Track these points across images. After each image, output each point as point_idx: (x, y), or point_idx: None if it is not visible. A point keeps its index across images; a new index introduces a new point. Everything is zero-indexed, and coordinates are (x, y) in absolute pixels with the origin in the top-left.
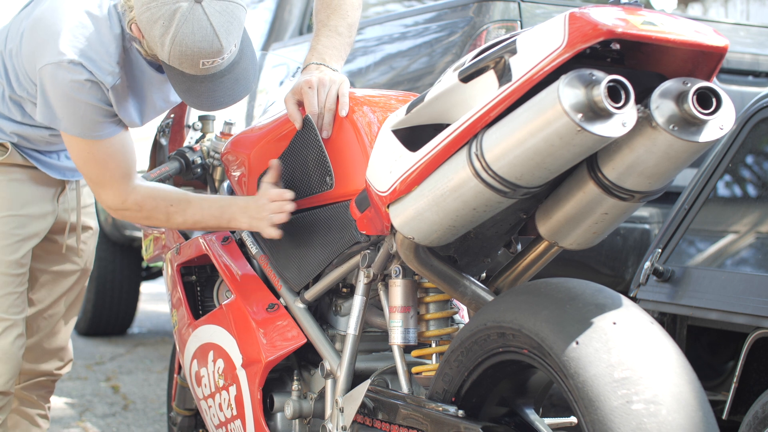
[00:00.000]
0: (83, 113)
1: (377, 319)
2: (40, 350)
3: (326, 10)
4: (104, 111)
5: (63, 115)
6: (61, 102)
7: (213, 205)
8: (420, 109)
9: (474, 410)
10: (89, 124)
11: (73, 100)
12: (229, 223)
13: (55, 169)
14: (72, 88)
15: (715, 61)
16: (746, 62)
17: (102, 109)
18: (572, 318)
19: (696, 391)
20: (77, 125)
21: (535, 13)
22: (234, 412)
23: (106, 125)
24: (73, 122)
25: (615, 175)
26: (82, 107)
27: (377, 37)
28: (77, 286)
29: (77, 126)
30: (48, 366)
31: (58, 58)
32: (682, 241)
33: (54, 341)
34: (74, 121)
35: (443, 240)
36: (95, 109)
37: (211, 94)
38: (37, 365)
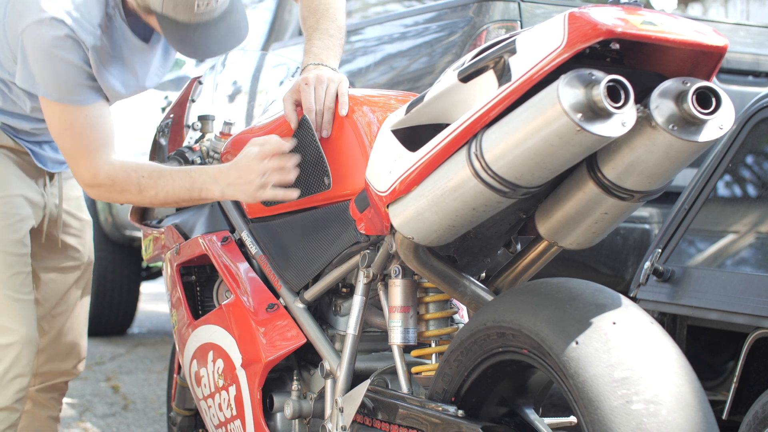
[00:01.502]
0: (63, 73)
1: (377, 319)
2: (54, 349)
3: (314, 15)
4: (84, 73)
5: (42, 78)
6: (41, 62)
7: (184, 175)
8: (420, 109)
9: (474, 410)
10: (68, 86)
11: (54, 59)
12: (200, 194)
13: (40, 159)
14: (53, 44)
15: (714, 60)
16: (746, 62)
17: (82, 71)
18: (572, 318)
19: (696, 391)
20: (56, 88)
21: (535, 13)
22: (234, 412)
23: (86, 90)
24: (53, 85)
25: (615, 174)
26: (62, 66)
27: (377, 37)
28: (82, 280)
29: (56, 89)
30: (64, 365)
31: (39, 15)
32: (682, 241)
33: (67, 339)
34: (53, 84)
35: (443, 240)
36: (75, 69)
37: (205, 41)
38: (53, 365)
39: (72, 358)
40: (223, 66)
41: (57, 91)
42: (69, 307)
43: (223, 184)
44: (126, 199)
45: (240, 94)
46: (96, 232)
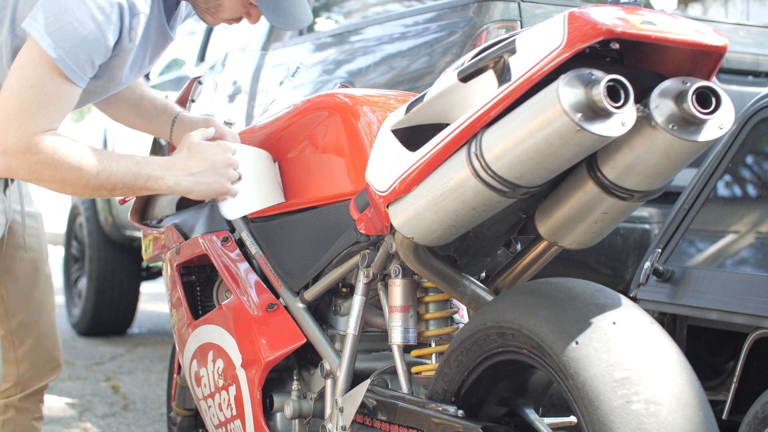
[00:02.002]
0: (85, 37)
1: (377, 319)
2: (35, 356)
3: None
4: (104, 48)
5: (55, 25)
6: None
7: (129, 160)
8: (419, 109)
9: (474, 410)
10: (79, 51)
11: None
12: (146, 183)
13: None
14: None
15: (714, 60)
16: (746, 62)
17: (104, 44)
18: (572, 318)
19: (696, 391)
20: (65, 45)
21: (535, 13)
22: (234, 412)
23: (89, 69)
24: (63, 38)
25: (614, 174)
26: (90, 27)
27: (377, 37)
28: (46, 279)
29: (64, 46)
30: (46, 369)
31: None
32: (682, 241)
33: (46, 342)
34: (65, 38)
35: (443, 240)
36: (100, 39)
37: (293, 10)
38: (35, 371)
39: (52, 360)
40: (223, 66)
41: (63, 49)
42: (40, 310)
43: (179, 174)
44: (59, 175)
45: (240, 94)
46: (96, 232)
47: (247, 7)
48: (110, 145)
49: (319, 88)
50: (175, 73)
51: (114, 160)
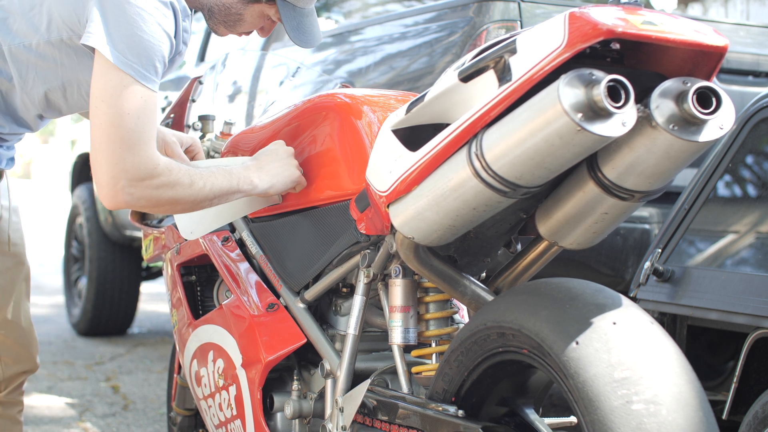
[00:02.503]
0: (153, 46)
1: (377, 319)
2: (18, 349)
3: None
4: (169, 49)
5: (133, 49)
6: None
7: (219, 170)
8: (420, 109)
9: (474, 410)
10: (153, 62)
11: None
12: (239, 187)
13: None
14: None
15: (715, 60)
16: (746, 62)
17: (169, 46)
18: (572, 318)
19: (696, 391)
20: (142, 62)
21: (535, 13)
22: (234, 412)
23: (158, 73)
24: (142, 57)
25: (615, 174)
26: (157, 36)
27: (377, 37)
28: (26, 274)
29: (142, 63)
30: (29, 361)
31: None
32: (682, 241)
33: (27, 336)
34: (142, 56)
35: (443, 240)
36: (165, 43)
37: (311, 29)
38: (19, 366)
39: (33, 352)
40: (224, 66)
41: (142, 65)
42: (21, 305)
43: (259, 174)
44: (175, 195)
45: (240, 94)
46: (96, 232)
47: (264, 21)
48: None
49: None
50: (175, 73)
51: (214, 173)
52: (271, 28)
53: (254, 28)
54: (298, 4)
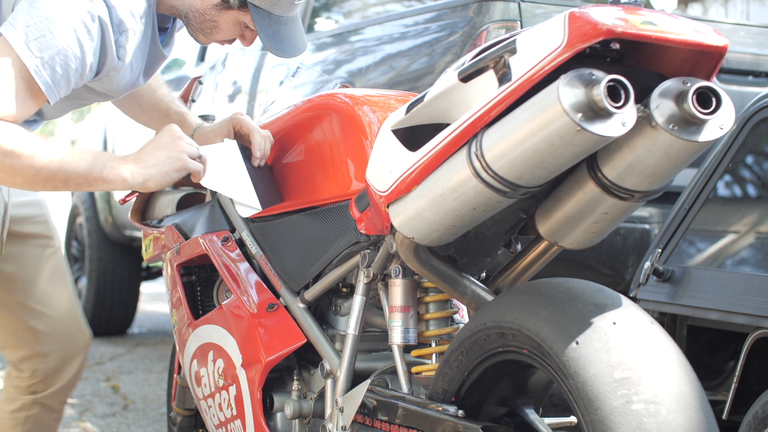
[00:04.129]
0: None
1: (377, 319)
2: (61, 349)
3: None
4: (84, 66)
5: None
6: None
7: (87, 153)
8: (420, 109)
9: (474, 410)
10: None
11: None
12: (102, 173)
13: None
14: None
15: (715, 60)
16: (746, 62)
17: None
18: (572, 318)
19: (696, 391)
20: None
21: (535, 13)
22: (234, 412)
23: (65, 87)
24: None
25: (615, 174)
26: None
27: (377, 37)
28: (60, 261)
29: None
30: (72, 364)
31: None
32: (682, 241)
33: (70, 332)
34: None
35: (443, 240)
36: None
37: (291, 38)
38: (62, 367)
39: (76, 350)
40: (224, 66)
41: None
42: (59, 299)
43: (133, 165)
44: (9, 164)
45: (240, 94)
46: (96, 232)
47: (242, 29)
48: (110, 145)
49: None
50: (175, 73)
51: (69, 152)
52: (252, 37)
53: (232, 36)
54: (274, 11)
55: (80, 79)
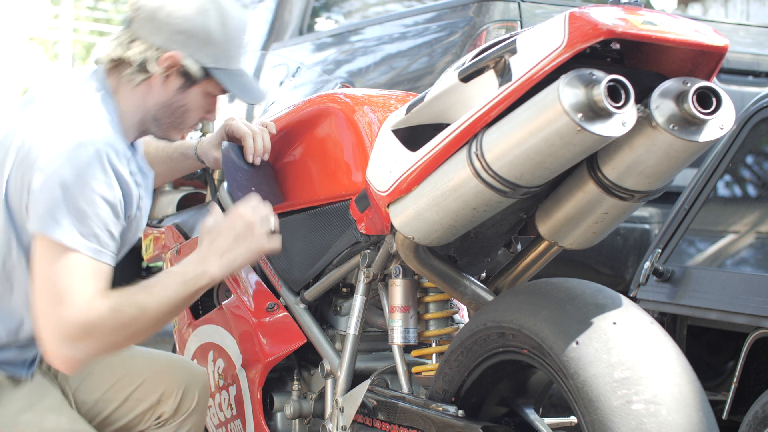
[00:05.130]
0: (94, 212)
1: (377, 319)
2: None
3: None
4: (116, 214)
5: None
6: (68, 194)
7: (171, 277)
8: (420, 109)
9: (474, 410)
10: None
11: (87, 189)
12: (196, 285)
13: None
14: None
15: (715, 60)
16: (746, 62)
17: (115, 211)
18: (572, 318)
19: (696, 391)
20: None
21: (535, 13)
22: (234, 412)
23: (111, 242)
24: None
25: (615, 174)
26: (96, 200)
27: (377, 37)
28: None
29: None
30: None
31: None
32: (682, 241)
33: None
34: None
35: (443, 240)
36: (109, 207)
37: (254, 85)
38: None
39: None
40: None
41: (93, 241)
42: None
43: (218, 261)
44: (131, 331)
45: None
46: None
47: (208, 100)
48: None
49: (319, 88)
50: None
51: (165, 283)
52: (215, 106)
53: (202, 112)
54: (231, 66)
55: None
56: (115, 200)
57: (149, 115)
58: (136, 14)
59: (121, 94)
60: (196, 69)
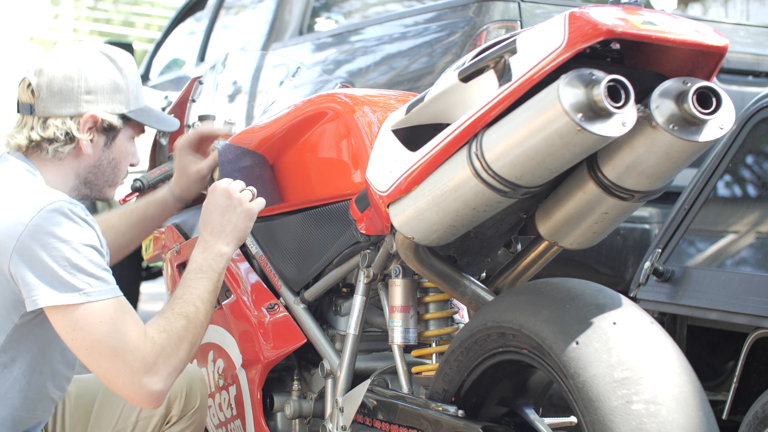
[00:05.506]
0: (93, 261)
1: (377, 319)
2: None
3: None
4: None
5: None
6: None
7: (194, 275)
8: (420, 109)
9: (474, 410)
10: (102, 273)
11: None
12: (218, 268)
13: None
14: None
15: (715, 60)
16: (746, 62)
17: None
18: (572, 318)
19: (696, 391)
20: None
21: (535, 13)
22: (234, 412)
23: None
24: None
25: (615, 174)
26: (89, 252)
27: (377, 37)
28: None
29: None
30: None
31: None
32: (682, 241)
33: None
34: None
35: (443, 240)
36: (99, 251)
37: (165, 115)
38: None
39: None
40: (224, 66)
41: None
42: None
43: (220, 240)
44: (188, 341)
45: (240, 94)
46: None
47: (131, 145)
48: None
49: (319, 89)
50: (175, 73)
51: (189, 286)
52: (136, 148)
53: (129, 160)
54: (141, 105)
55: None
56: (95, 242)
57: (81, 181)
58: (35, 98)
59: (47, 171)
60: (115, 119)
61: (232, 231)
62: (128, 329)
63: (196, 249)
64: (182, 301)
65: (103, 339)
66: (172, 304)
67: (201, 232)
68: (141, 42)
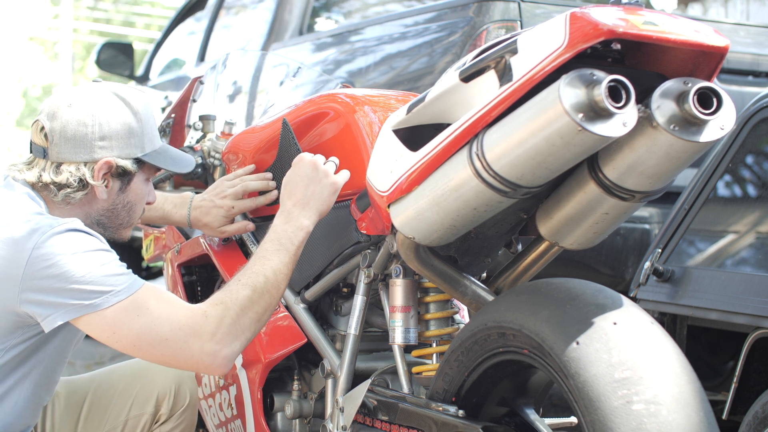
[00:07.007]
0: (110, 263)
1: (378, 319)
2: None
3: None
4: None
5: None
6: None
7: (270, 245)
8: (421, 109)
9: (474, 410)
10: (122, 273)
11: (93, 253)
12: (296, 241)
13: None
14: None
15: (715, 61)
16: (746, 62)
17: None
18: (573, 318)
19: (696, 391)
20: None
21: (535, 13)
22: (234, 412)
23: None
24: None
25: (616, 175)
26: (104, 256)
27: (377, 37)
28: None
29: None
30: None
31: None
32: (682, 241)
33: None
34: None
35: (444, 240)
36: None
37: (180, 154)
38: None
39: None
40: (224, 66)
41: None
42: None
43: (304, 212)
44: (255, 312)
45: (241, 94)
46: None
47: (146, 186)
48: None
49: (319, 89)
50: (175, 73)
51: (264, 257)
52: (151, 187)
53: (144, 202)
54: (156, 146)
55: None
56: (101, 245)
57: (92, 221)
58: (48, 143)
59: (54, 208)
60: (129, 164)
61: (315, 204)
62: (167, 311)
63: (277, 218)
64: (251, 272)
65: (146, 330)
66: (240, 274)
67: (284, 202)
68: (141, 42)
